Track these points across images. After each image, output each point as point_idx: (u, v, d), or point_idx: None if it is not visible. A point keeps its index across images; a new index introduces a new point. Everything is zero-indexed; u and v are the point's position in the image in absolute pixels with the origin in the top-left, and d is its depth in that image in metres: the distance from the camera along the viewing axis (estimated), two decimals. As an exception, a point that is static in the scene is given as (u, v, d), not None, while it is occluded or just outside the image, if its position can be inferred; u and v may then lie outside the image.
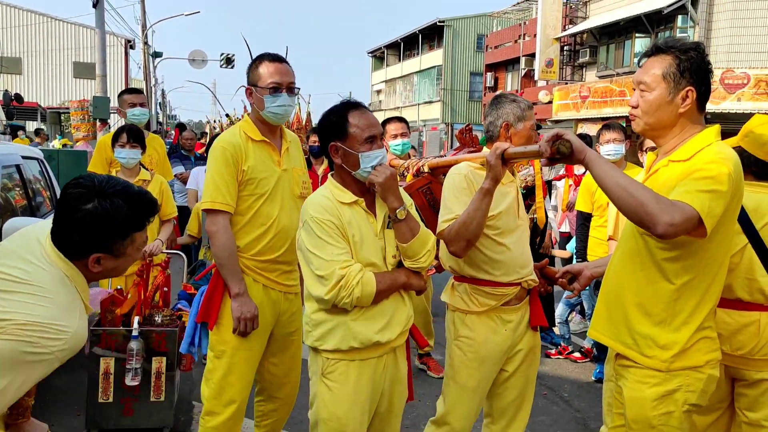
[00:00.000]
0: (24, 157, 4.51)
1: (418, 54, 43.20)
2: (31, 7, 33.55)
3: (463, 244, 2.53)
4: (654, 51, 2.12)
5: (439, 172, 3.01)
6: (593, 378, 4.93)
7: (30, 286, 1.69)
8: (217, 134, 7.85)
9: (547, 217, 5.39)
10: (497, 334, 2.69)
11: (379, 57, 50.92)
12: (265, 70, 2.82)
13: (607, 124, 4.87)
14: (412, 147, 7.48)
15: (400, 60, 46.23)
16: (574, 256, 5.16)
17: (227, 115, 10.26)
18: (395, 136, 4.84)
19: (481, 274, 2.67)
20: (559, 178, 5.67)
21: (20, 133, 15.25)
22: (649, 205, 1.86)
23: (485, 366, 2.70)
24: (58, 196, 5.07)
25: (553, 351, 5.49)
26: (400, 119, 5.08)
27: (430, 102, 40.77)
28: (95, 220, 1.73)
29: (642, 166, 4.69)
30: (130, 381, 3.39)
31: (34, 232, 1.84)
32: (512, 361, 2.77)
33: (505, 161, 2.46)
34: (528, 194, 4.95)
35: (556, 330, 5.66)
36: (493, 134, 2.76)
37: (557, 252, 5.65)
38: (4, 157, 4.05)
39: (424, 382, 4.72)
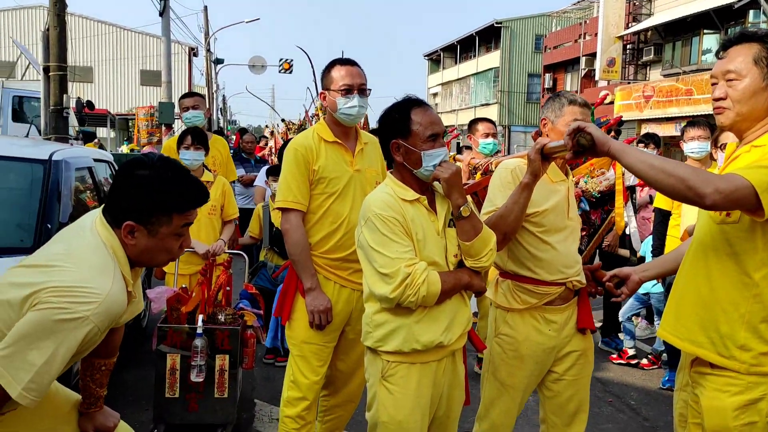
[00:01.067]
0: (95, 160, 4.67)
1: (474, 56, 42.88)
2: (102, 18, 35.01)
3: (499, 237, 2.47)
4: (738, 39, 2.01)
5: None
6: (662, 386, 4.76)
7: (67, 256, 1.78)
8: (290, 139, 8.01)
9: (626, 223, 5.23)
10: (540, 333, 2.64)
11: (435, 60, 50.84)
12: (337, 73, 2.93)
13: (693, 120, 4.74)
14: (468, 148, 7.42)
15: (456, 62, 46.00)
16: (648, 255, 4.99)
17: (283, 120, 10.42)
18: (486, 135, 4.88)
19: (524, 271, 2.63)
20: (642, 184, 5.50)
21: (96, 140, 15.95)
22: (690, 179, 1.78)
23: (526, 364, 2.65)
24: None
25: (614, 355, 5.32)
26: (489, 120, 5.19)
27: (487, 104, 40.40)
28: (141, 183, 1.81)
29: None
30: (195, 377, 3.46)
31: (96, 210, 1.93)
32: (562, 363, 2.70)
33: (545, 157, 2.42)
34: (608, 199, 4.82)
35: (622, 336, 5.49)
36: (540, 131, 2.79)
37: (622, 251, 5.47)
38: (78, 159, 4.20)
39: (480, 387, 4.64)
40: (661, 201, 4.66)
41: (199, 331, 3.50)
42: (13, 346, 1.67)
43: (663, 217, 4.65)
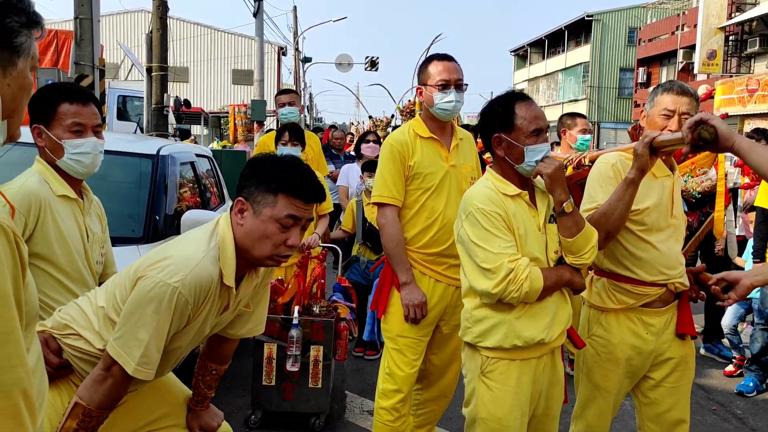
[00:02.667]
0: (197, 155, 4.88)
1: (563, 51, 41.79)
2: (198, 20, 36.53)
3: (602, 236, 2.37)
4: None
5: None
6: (736, 390, 4.52)
7: (178, 239, 1.94)
8: (364, 134, 8.13)
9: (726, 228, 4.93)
10: (636, 336, 2.51)
11: (521, 55, 49.92)
12: (434, 68, 2.94)
13: None
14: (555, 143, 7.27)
15: (543, 58, 44.98)
16: (750, 258, 4.69)
17: (370, 117, 10.53)
18: (584, 131, 4.78)
19: (621, 270, 2.50)
20: (750, 186, 5.14)
21: (192, 138, 16.70)
22: None
23: (620, 368, 2.53)
24: (224, 191, 5.37)
25: (730, 368, 5.00)
26: (583, 115, 5.10)
27: (575, 100, 39.26)
28: (258, 164, 1.90)
29: None
30: (291, 366, 3.55)
31: None
32: (659, 369, 2.56)
33: (654, 150, 2.29)
34: (707, 201, 4.57)
35: (725, 342, 5.20)
36: (636, 126, 2.71)
37: (739, 260, 5.10)
38: (182, 154, 4.40)
39: (574, 387, 4.52)
40: (764, 199, 4.36)
41: (295, 322, 3.59)
42: (124, 327, 1.80)
43: (765, 217, 4.35)
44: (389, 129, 8.97)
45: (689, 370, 2.60)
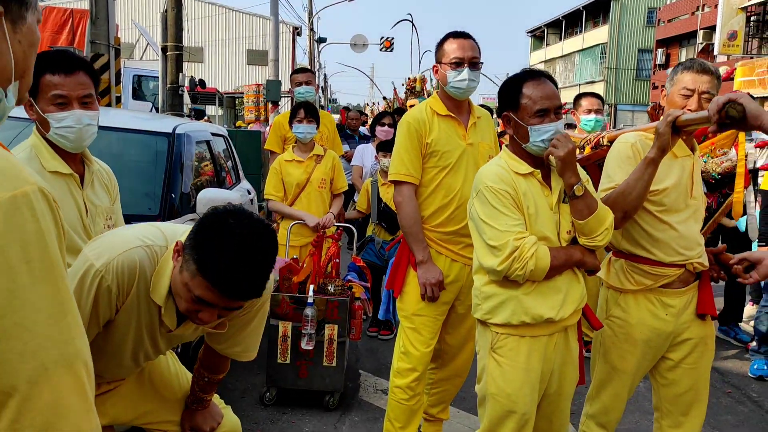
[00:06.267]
0: (213, 134, 4.88)
1: (581, 32, 41.29)
2: (212, 0, 36.34)
3: (619, 215, 2.36)
4: None
5: None
6: (751, 374, 4.48)
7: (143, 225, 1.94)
8: (380, 114, 8.07)
9: (745, 210, 4.85)
10: (656, 318, 2.49)
11: (538, 36, 49.40)
12: (449, 46, 2.93)
13: None
14: (571, 125, 7.17)
15: (561, 39, 44.51)
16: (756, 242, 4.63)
17: (384, 98, 10.43)
18: (588, 111, 4.72)
19: (639, 250, 2.48)
20: None
21: (206, 118, 16.68)
22: None
23: (638, 349, 2.51)
24: (239, 170, 5.34)
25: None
26: (595, 95, 5.00)
27: (592, 82, 38.84)
28: (212, 218, 1.69)
29: None
30: (305, 345, 3.57)
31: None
32: (678, 350, 2.54)
33: (676, 130, 2.26)
34: (727, 182, 4.50)
35: (745, 326, 5.16)
36: (656, 107, 2.67)
37: None
38: (197, 133, 4.40)
39: (590, 369, 4.52)
40: None
41: (310, 300, 3.61)
42: None
43: None
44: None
45: (708, 351, 2.59)
